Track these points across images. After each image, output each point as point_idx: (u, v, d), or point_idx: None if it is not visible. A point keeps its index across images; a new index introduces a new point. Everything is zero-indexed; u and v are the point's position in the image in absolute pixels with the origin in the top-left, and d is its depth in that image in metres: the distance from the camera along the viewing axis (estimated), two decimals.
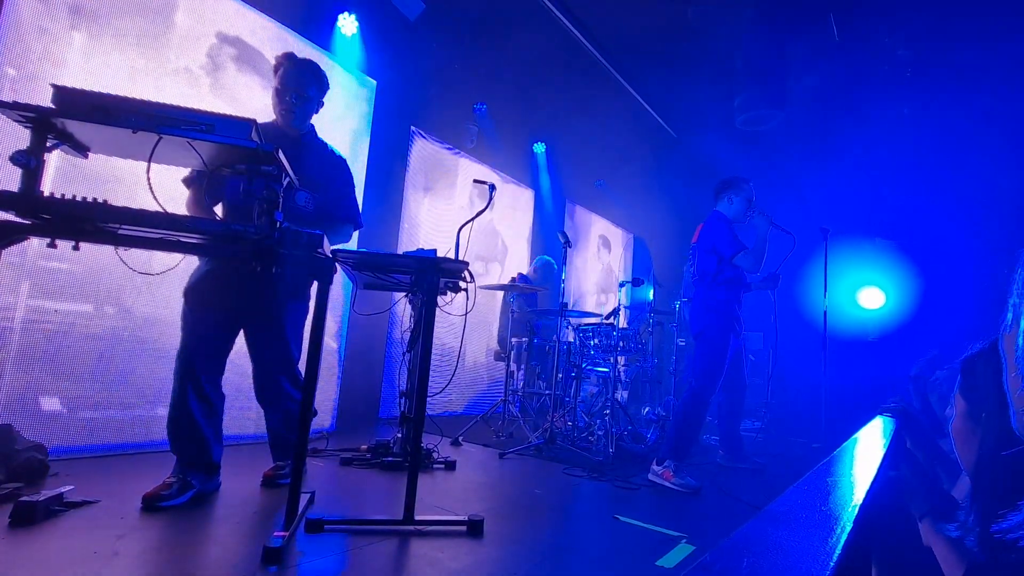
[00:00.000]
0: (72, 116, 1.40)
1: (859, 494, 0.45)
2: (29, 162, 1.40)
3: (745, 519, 0.38)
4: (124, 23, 2.73)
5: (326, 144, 2.50)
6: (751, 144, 6.35)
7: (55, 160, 2.38)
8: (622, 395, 4.66)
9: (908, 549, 1.03)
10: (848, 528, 0.35)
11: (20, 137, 1.46)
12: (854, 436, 1.13)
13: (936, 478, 1.40)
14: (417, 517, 1.91)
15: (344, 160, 2.53)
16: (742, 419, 3.69)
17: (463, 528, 1.95)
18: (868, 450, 0.94)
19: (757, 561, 0.31)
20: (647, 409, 4.67)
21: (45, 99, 1.42)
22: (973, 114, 5.34)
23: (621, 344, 3.95)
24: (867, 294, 6.47)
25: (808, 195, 6.73)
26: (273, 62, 2.34)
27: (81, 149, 1.58)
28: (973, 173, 5.80)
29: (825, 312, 4.15)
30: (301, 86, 2.29)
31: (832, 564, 0.29)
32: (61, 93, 1.42)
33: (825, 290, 4.20)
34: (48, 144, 1.45)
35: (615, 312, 4.00)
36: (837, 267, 4.28)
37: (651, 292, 5.03)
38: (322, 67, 2.40)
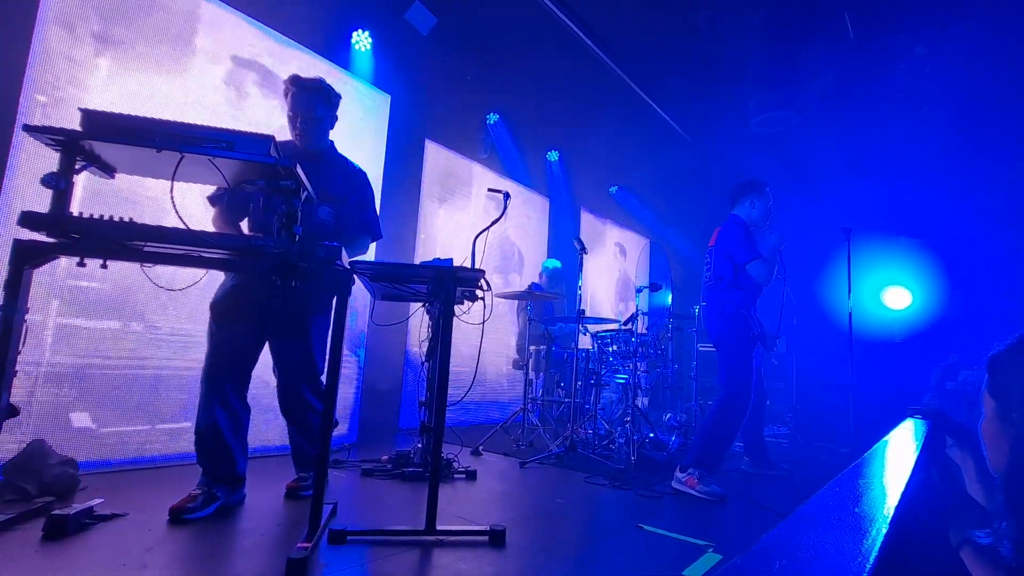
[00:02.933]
0: (99, 138, 1.44)
1: (893, 496, 0.44)
2: (59, 184, 1.45)
3: (772, 527, 0.37)
4: (146, 49, 2.82)
5: (346, 159, 2.54)
6: (768, 146, 6.28)
7: (82, 181, 2.46)
8: (642, 402, 4.60)
9: (945, 554, 1.00)
10: (884, 531, 0.34)
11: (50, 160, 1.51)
12: (884, 439, 1.10)
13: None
14: (439, 527, 1.90)
15: (364, 173, 2.57)
16: (765, 424, 3.60)
17: (485, 538, 1.93)
18: (900, 452, 0.92)
19: (789, 564, 0.30)
20: (668, 415, 4.61)
21: (73, 123, 1.48)
22: (995, 109, 5.21)
23: (640, 350, 3.91)
24: (893, 294, 6.32)
25: (828, 195, 6.62)
26: (282, 86, 2.38)
27: (108, 170, 1.63)
28: (997, 169, 5.65)
29: (850, 313, 4.06)
30: (310, 108, 2.31)
31: (869, 567, 0.28)
32: (88, 116, 1.47)
33: (849, 291, 4.12)
34: (77, 166, 1.50)
35: (633, 318, 3.96)
36: (861, 267, 4.19)
37: (669, 297, 4.97)
38: (328, 82, 2.40)
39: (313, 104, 2.32)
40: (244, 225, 2.32)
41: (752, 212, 3.21)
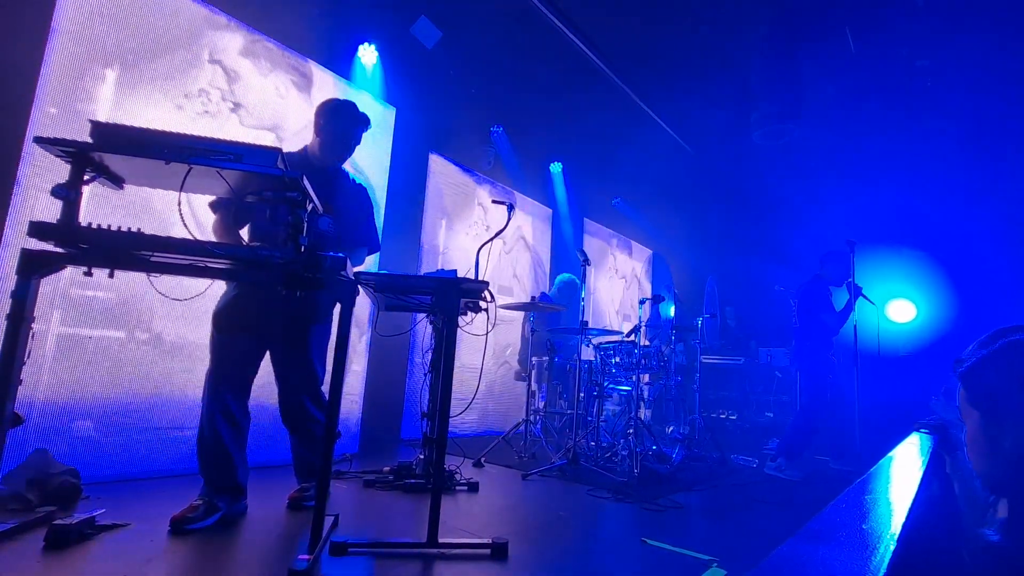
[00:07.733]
0: (109, 150, 1.46)
1: (901, 512, 0.44)
2: (68, 194, 1.46)
3: (777, 541, 0.37)
4: (155, 62, 2.86)
5: (346, 172, 2.59)
6: (770, 158, 6.30)
7: (87, 191, 2.48)
8: (645, 414, 4.57)
9: (956, 570, 0.99)
10: (892, 547, 0.34)
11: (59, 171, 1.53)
12: (890, 453, 1.10)
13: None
14: (441, 540, 1.89)
15: (364, 188, 2.63)
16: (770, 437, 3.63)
17: (487, 551, 1.92)
18: (906, 467, 0.91)
19: None
20: (671, 428, 4.58)
21: (83, 135, 1.49)
22: (996, 122, 5.23)
23: (643, 362, 3.90)
24: (897, 307, 6.29)
25: (831, 207, 6.63)
26: (324, 101, 2.44)
27: (117, 181, 1.64)
28: (1001, 180, 5.66)
29: (855, 326, 4.05)
30: (355, 140, 2.45)
31: None
32: (98, 128, 1.48)
33: (854, 304, 4.11)
34: (86, 177, 1.52)
35: (636, 329, 3.95)
36: (865, 280, 4.19)
37: (672, 309, 4.96)
38: (337, 96, 2.51)
39: (359, 137, 2.47)
40: (244, 232, 2.33)
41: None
